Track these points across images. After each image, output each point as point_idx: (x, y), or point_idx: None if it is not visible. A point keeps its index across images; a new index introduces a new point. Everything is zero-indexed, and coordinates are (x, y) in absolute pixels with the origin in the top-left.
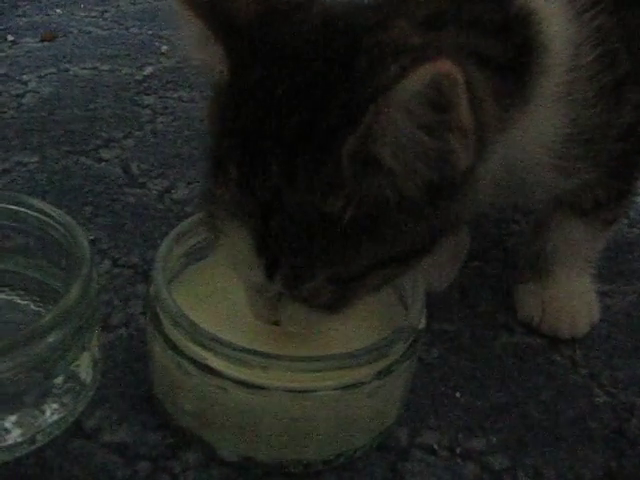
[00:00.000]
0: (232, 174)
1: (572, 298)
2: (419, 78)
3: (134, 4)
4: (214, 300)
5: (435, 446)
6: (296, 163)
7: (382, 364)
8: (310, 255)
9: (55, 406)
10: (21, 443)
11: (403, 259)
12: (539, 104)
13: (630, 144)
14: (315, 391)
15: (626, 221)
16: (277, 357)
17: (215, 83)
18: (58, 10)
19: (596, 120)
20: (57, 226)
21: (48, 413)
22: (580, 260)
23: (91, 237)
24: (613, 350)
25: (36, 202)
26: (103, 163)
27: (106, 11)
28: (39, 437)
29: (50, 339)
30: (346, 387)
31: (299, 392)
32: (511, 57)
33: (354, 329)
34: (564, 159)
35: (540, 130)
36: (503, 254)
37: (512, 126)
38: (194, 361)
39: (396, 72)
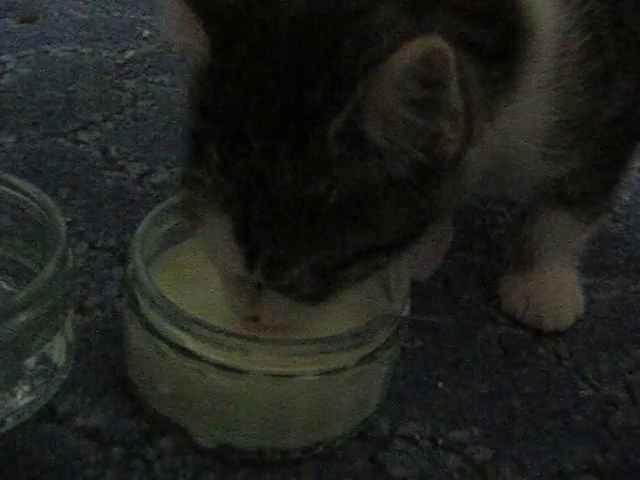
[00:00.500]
0: (213, 157)
1: (557, 290)
2: (411, 52)
3: None
4: (193, 283)
5: (417, 436)
6: (279, 144)
7: (365, 350)
8: (292, 241)
9: (26, 388)
10: None
11: (389, 247)
12: (527, 91)
13: (618, 133)
14: (296, 376)
15: (610, 216)
16: (258, 340)
17: (196, 65)
18: None
19: (585, 108)
20: (33, 204)
21: (19, 396)
22: (565, 252)
23: (68, 219)
24: (597, 344)
25: (12, 179)
26: (81, 145)
27: None
28: (9, 420)
29: (22, 318)
30: (328, 372)
31: (280, 377)
32: (498, 43)
33: (336, 316)
34: (552, 147)
35: (528, 117)
36: (487, 245)
37: (499, 113)
38: (171, 343)
39: (388, 46)
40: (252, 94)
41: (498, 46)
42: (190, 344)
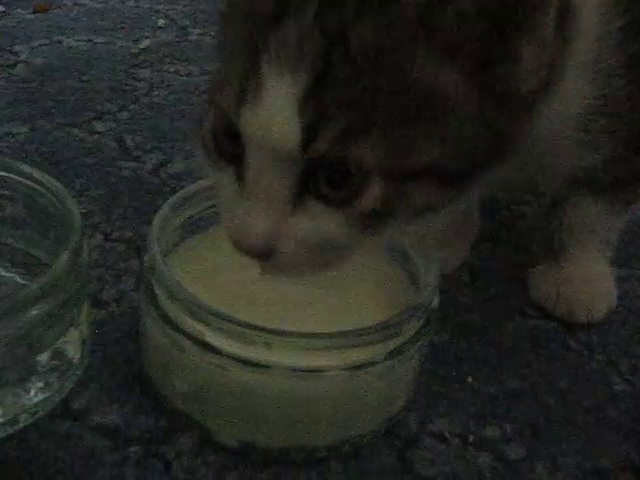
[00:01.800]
0: (307, 9)
1: (589, 281)
2: None
3: None
4: (214, 274)
5: (446, 434)
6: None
7: (394, 343)
8: (363, 118)
9: (40, 385)
10: (3, 424)
11: (452, 175)
12: (569, 72)
13: None
14: (322, 371)
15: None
16: (282, 333)
17: None
18: None
19: (622, 92)
20: (47, 194)
21: (32, 392)
22: (597, 241)
23: (82, 210)
24: (630, 336)
25: (25, 168)
26: (96, 135)
27: None
28: (22, 418)
29: (34, 312)
30: (355, 367)
31: (305, 372)
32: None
33: (363, 306)
34: (589, 132)
35: (566, 100)
36: (515, 236)
37: (547, 93)
38: (191, 337)
39: None
40: None
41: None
42: (211, 338)
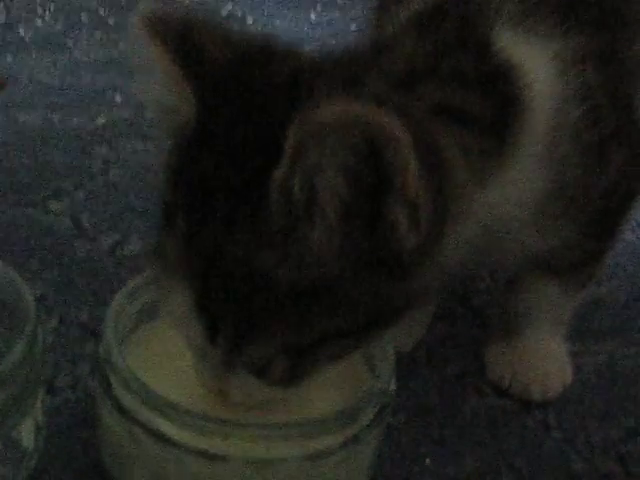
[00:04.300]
0: (180, 226)
1: (544, 359)
2: (334, 110)
3: (87, 54)
4: (169, 362)
5: None
6: (237, 214)
7: (351, 431)
8: (251, 319)
9: None
10: None
11: (361, 331)
12: (520, 163)
13: (611, 205)
14: (280, 461)
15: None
16: (238, 425)
17: (178, 128)
18: (8, 56)
19: (578, 179)
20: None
21: None
22: (552, 320)
23: (37, 293)
24: (586, 412)
25: None
26: (52, 215)
27: (58, 60)
28: None
29: None
30: (312, 456)
31: (262, 462)
32: (491, 114)
33: (318, 393)
34: (544, 218)
35: (520, 188)
36: (470, 313)
37: (490, 185)
38: (147, 428)
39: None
40: (223, 163)
41: (493, 116)
42: (167, 429)
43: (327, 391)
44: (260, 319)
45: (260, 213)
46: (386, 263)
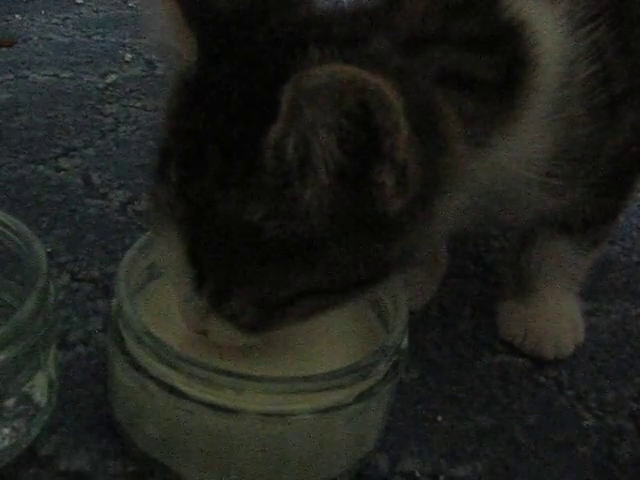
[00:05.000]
0: (172, 176)
1: (556, 317)
2: (329, 72)
3: (97, 12)
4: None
5: (417, 473)
6: (232, 168)
7: (363, 386)
8: (235, 272)
9: (6, 431)
10: None
11: (341, 290)
12: (528, 122)
13: (621, 164)
14: (292, 415)
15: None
16: (251, 378)
17: (180, 72)
18: (17, 16)
19: (588, 139)
20: (12, 236)
21: None
22: (565, 278)
23: (48, 250)
24: (599, 371)
25: None
26: (62, 172)
27: (68, 18)
28: None
29: (0, 357)
30: (325, 411)
31: (274, 416)
32: (500, 75)
33: (332, 348)
34: (553, 178)
35: (528, 149)
36: (482, 270)
37: (498, 147)
38: (159, 382)
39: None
40: (219, 115)
41: (500, 77)
42: (179, 383)
43: (341, 346)
44: (241, 274)
45: (253, 168)
46: (372, 224)
